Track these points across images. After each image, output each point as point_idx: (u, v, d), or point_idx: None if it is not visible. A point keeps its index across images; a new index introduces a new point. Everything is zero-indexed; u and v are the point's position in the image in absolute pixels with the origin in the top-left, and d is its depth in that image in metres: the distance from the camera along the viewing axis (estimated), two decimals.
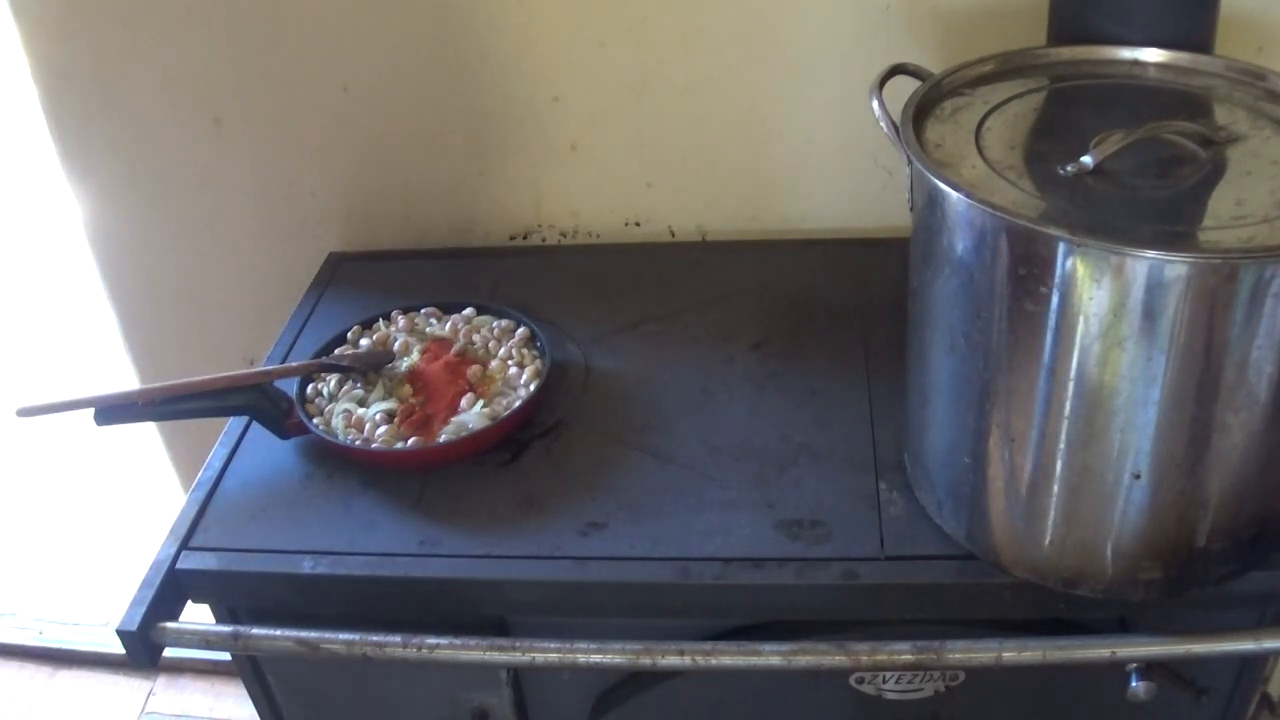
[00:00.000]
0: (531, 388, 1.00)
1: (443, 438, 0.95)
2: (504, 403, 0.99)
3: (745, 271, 1.19)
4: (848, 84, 1.14)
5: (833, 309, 1.12)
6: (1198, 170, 0.73)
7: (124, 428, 0.97)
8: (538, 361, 1.03)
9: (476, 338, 1.06)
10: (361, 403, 1.00)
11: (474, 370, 1.02)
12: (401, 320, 1.09)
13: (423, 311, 1.11)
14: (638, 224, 1.28)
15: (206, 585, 0.91)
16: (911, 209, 0.79)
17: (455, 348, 1.04)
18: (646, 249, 1.27)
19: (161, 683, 1.82)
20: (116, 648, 0.86)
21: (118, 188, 1.33)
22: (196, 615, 0.90)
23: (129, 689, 1.80)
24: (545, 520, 0.90)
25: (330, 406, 1.00)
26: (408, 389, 1.01)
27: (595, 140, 1.23)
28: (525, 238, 1.31)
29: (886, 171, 1.19)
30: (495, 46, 1.18)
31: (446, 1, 1.16)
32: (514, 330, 1.07)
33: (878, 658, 0.81)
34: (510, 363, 1.03)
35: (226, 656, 1.11)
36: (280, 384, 1.03)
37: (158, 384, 0.96)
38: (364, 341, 1.08)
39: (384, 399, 1.00)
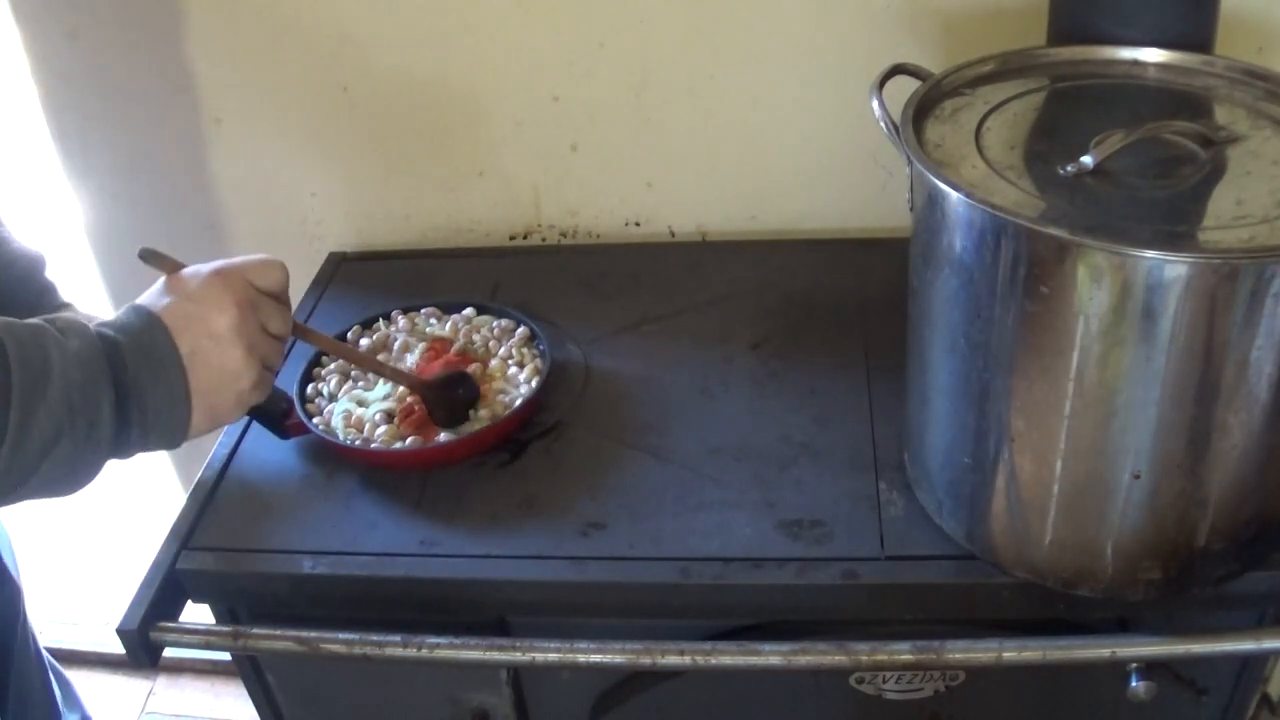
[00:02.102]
0: (531, 388, 1.00)
1: (443, 437, 0.95)
2: (504, 403, 0.99)
3: (745, 271, 1.19)
4: (848, 84, 1.14)
5: (833, 309, 1.12)
6: (1198, 170, 0.73)
7: None
8: (538, 361, 1.03)
9: (476, 337, 1.06)
10: (362, 403, 1.00)
11: (474, 370, 1.02)
12: (402, 320, 1.09)
13: (423, 311, 1.11)
14: (638, 224, 1.28)
15: (206, 585, 0.91)
16: (911, 209, 0.79)
17: (455, 347, 1.04)
18: (646, 249, 1.27)
19: (161, 683, 1.82)
20: (116, 648, 0.86)
21: (118, 188, 1.33)
22: (196, 615, 0.90)
23: (129, 689, 1.80)
24: (545, 520, 0.90)
25: (330, 406, 1.00)
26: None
27: (595, 140, 1.23)
28: (525, 238, 1.31)
29: (886, 171, 1.19)
30: (495, 46, 1.18)
31: (446, 1, 1.16)
32: (514, 330, 1.07)
33: (878, 658, 0.80)
34: (510, 363, 1.03)
35: (226, 656, 1.11)
36: (280, 384, 1.03)
37: None
38: (364, 341, 1.07)
39: (384, 399, 0.99)
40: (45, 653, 1.24)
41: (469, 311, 1.10)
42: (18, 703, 1.15)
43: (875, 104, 0.81)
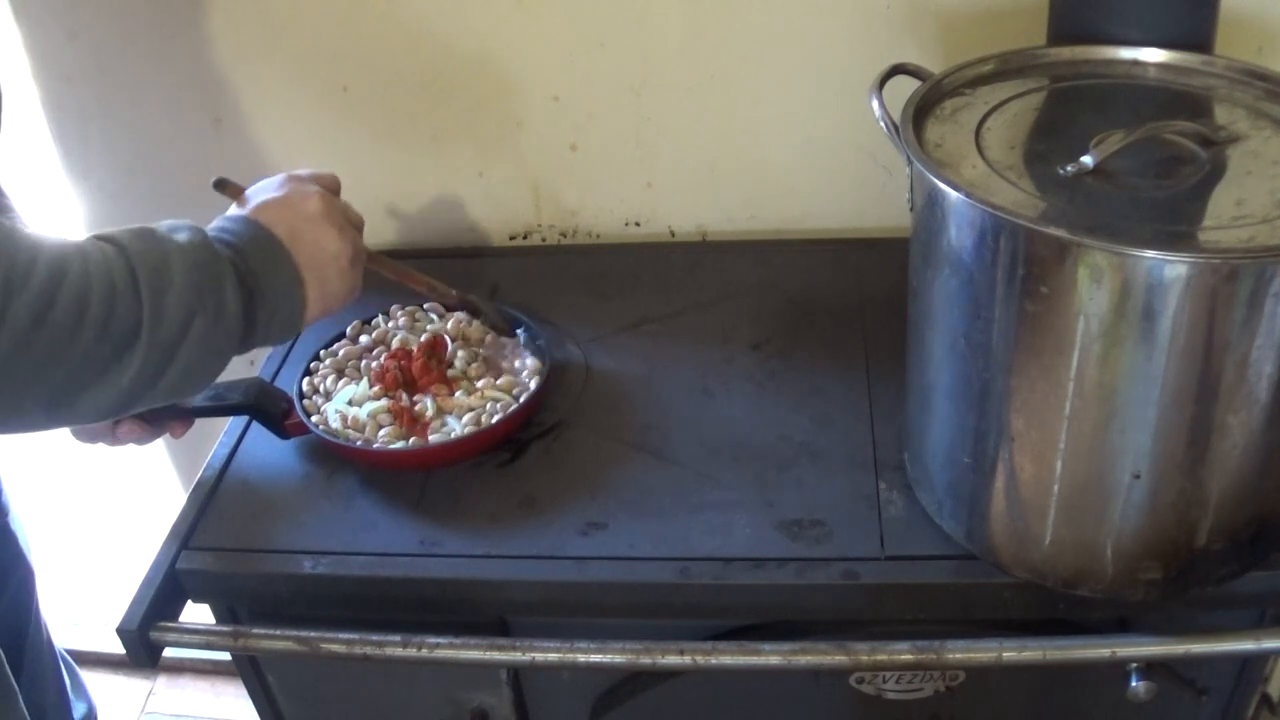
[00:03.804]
0: (531, 388, 0.99)
1: (444, 436, 0.95)
2: (503, 403, 0.99)
3: (745, 271, 1.19)
4: (848, 84, 1.14)
5: (833, 309, 1.12)
6: (1198, 170, 0.73)
7: None
8: (538, 362, 1.03)
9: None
10: (358, 402, 0.99)
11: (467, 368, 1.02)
12: (402, 317, 1.09)
13: (425, 307, 1.11)
14: (638, 224, 1.28)
15: (206, 585, 0.91)
16: (911, 209, 0.79)
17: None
18: (646, 249, 1.27)
19: (161, 683, 1.82)
20: (116, 647, 0.86)
21: (118, 188, 1.33)
22: (196, 615, 0.90)
23: (129, 689, 1.80)
24: (545, 520, 0.90)
25: (326, 405, 1.00)
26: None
27: (595, 140, 1.23)
28: (525, 238, 1.31)
29: (886, 171, 1.19)
30: (495, 46, 1.18)
31: (446, 1, 1.16)
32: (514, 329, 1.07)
33: (878, 658, 0.81)
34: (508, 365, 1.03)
35: (226, 656, 1.11)
36: (279, 384, 1.03)
37: None
38: (363, 338, 1.07)
39: (376, 398, 0.99)
40: (54, 641, 1.24)
41: None
42: (31, 688, 1.16)
43: (875, 104, 0.81)
